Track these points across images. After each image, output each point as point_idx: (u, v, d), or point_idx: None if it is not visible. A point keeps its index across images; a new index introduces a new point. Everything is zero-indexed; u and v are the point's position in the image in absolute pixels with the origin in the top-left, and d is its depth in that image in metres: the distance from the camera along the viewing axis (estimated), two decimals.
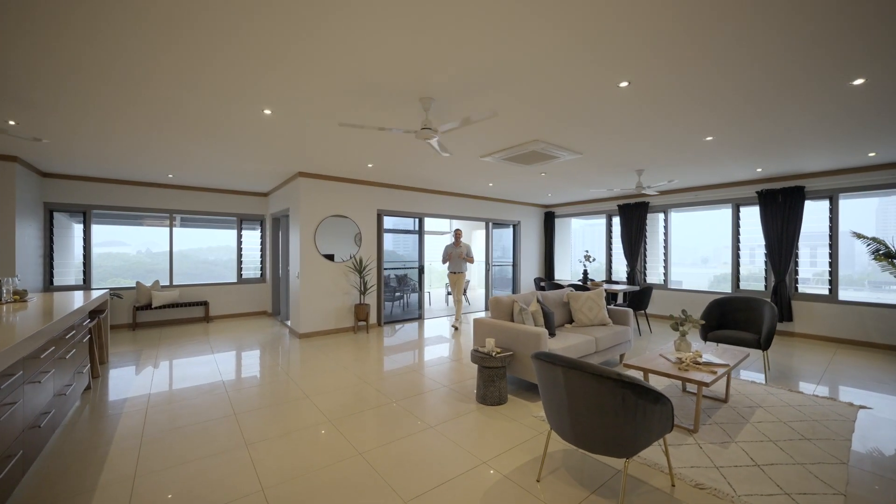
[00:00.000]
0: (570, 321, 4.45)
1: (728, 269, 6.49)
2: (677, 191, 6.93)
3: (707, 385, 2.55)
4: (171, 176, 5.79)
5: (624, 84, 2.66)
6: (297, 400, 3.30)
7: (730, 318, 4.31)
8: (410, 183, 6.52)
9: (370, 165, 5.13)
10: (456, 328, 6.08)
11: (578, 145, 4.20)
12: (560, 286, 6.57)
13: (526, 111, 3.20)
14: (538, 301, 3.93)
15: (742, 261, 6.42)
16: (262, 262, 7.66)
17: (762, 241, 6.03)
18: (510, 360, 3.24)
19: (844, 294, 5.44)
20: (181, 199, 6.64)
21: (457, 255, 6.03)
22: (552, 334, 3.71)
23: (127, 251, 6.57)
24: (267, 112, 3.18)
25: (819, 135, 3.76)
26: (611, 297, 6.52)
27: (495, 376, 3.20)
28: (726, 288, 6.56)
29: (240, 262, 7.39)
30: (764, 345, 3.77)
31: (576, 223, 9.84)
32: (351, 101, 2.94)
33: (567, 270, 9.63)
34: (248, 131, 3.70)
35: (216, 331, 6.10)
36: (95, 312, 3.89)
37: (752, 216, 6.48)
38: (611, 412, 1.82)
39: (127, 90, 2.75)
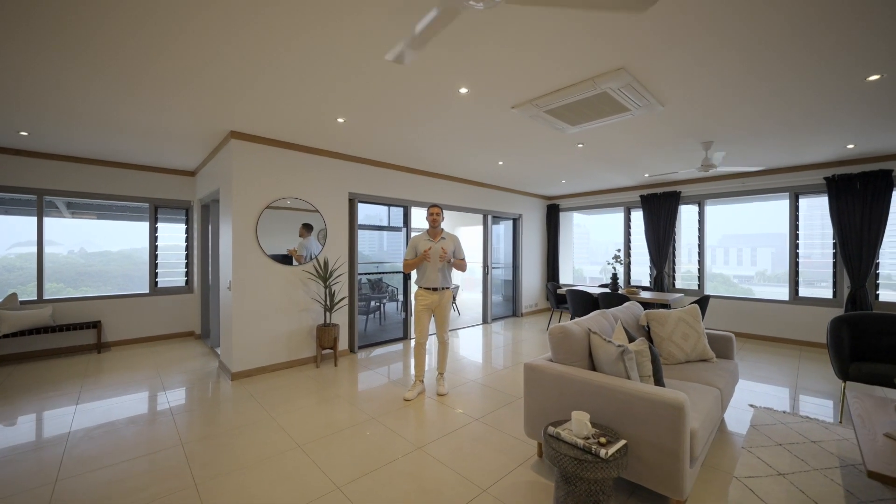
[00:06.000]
0: None
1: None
2: (720, 177, 5.73)
3: None
4: (25, 134, 3.74)
5: None
6: None
7: (869, 344, 3.02)
8: (394, 159, 4.84)
9: (341, 120, 3.41)
10: (442, 394, 3.35)
11: (670, 90, 2.74)
12: (590, 295, 5.15)
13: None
14: (625, 330, 2.42)
15: (757, 259, 5.33)
16: (187, 266, 5.65)
17: (773, 238, 4.93)
18: (624, 457, 1.69)
19: None
20: (59, 174, 4.55)
21: (438, 255, 3.27)
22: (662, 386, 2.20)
23: (56, 251, 4.83)
24: None
25: None
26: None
27: (600, 492, 1.63)
28: (729, 292, 5.41)
29: (154, 266, 5.35)
30: None
31: (577, 218, 8.53)
32: None
33: (569, 273, 8.30)
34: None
35: (108, 366, 4.11)
36: None
37: (782, 209, 5.45)
38: None
39: None
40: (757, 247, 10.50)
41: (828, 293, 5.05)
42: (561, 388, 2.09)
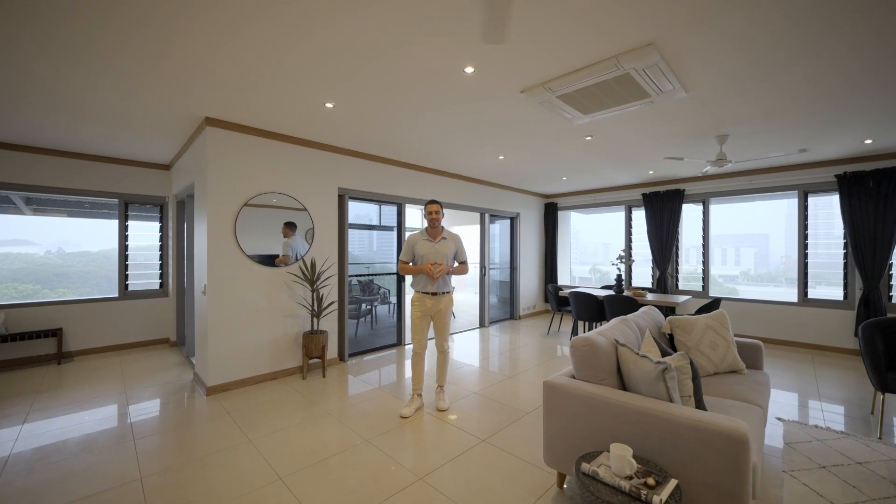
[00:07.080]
0: None
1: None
2: (726, 175, 5.53)
3: None
4: None
5: None
6: None
7: None
8: (387, 152, 4.49)
9: (330, 105, 3.06)
10: (442, 410, 3.02)
11: (697, 72, 2.47)
12: (594, 297, 4.89)
13: None
14: (656, 342, 2.13)
15: (742, 259, 5.15)
16: (162, 267, 5.21)
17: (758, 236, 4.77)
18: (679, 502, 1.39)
19: None
20: (11, 165, 4.09)
21: (439, 256, 2.97)
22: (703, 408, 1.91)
23: (33, 251, 4.55)
24: None
25: None
26: None
27: None
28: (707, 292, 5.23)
29: (124, 268, 4.91)
30: None
31: (574, 218, 8.29)
32: None
33: (566, 273, 8.06)
34: None
35: (68, 380, 3.67)
36: None
37: (774, 209, 5.35)
38: None
39: None
40: (740, 247, 10.55)
41: (836, 294, 4.88)
42: (589, 412, 1.79)
